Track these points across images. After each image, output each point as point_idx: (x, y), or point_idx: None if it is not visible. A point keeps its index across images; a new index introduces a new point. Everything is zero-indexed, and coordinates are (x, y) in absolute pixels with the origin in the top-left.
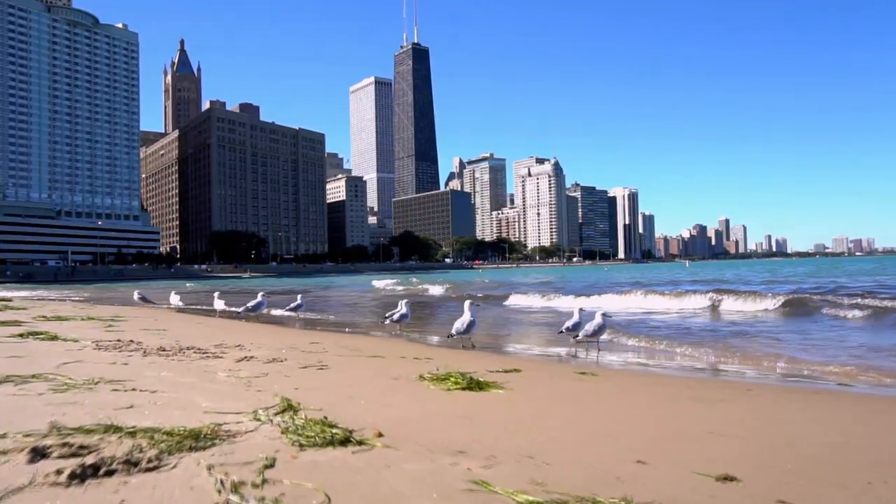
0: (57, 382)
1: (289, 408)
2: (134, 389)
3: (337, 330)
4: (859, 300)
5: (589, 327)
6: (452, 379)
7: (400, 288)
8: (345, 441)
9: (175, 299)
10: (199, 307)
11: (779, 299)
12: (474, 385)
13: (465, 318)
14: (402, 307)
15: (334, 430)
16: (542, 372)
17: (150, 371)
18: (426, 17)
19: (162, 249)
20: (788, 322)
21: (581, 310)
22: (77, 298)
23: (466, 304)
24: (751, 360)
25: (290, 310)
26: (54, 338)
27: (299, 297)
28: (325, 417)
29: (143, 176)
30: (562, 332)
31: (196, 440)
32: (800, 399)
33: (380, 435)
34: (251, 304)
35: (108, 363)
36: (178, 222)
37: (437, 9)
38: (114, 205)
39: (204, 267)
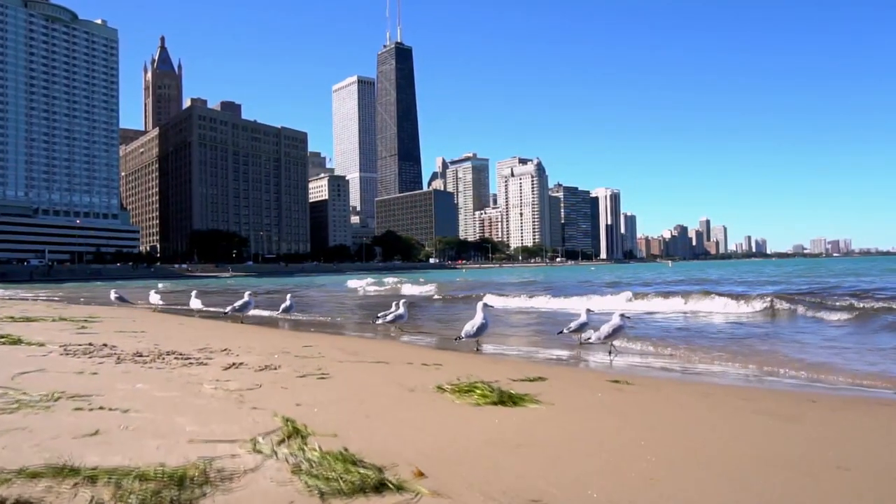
0: (7, 399)
1: (295, 433)
2: (102, 408)
3: (328, 331)
4: (854, 301)
5: (605, 329)
6: (479, 391)
7: (382, 288)
8: (379, 486)
9: (155, 298)
10: (180, 307)
11: (781, 300)
12: (506, 398)
13: (477, 320)
14: (398, 307)
15: (362, 470)
16: (570, 380)
17: (123, 382)
18: (409, 16)
19: (142, 248)
20: (799, 323)
21: (588, 310)
22: (51, 298)
23: (479, 305)
24: (784, 364)
25: (283, 311)
26: (17, 342)
27: (289, 297)
28: (346, 449)
29: (123, 174)
30: (562, 332)
31: (179, 487)
32: (888, 414)
33: (420, 474)
34: (238, 303)
35: (74, 372)
36: (158, 221)
37: (421, 8)
38: (92, 203)
39: (185, 266)
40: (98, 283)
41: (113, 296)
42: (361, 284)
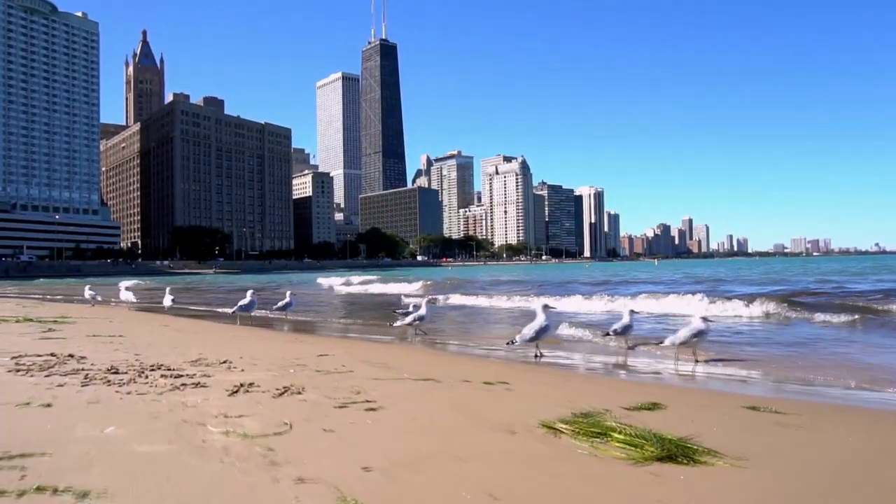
0: None
1: None
2: (41, 489)
3: (336, 334)
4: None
5: (683, 333)
6: (617, 435)
7: (364, 287)
8: None
9: (126, 295)
10: (160, 304)
11: (806, 301)
12: (673, 450)
13: (538, 321)
14: (420, 306)
15: None
16: (697, 408)
17: (87, 422)
18: (394, 13)
19: (123, 245)
20: (853, 325)
21: (632, 311)
22: (23, 295)
23: (539, 306)
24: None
25: (279, 309)
26: None
27: (288, 293)
28: None
29: (104, 169)
30: (608, 334)
31: None
32: None
33: None
34: (243, 302)
35: (18, 405)
36: (139, 217)
37: (406, 5)
38: (72, 198)
39: (166, 263)
40: (72, 280)
41: (88, 293)
42: (336, 282)
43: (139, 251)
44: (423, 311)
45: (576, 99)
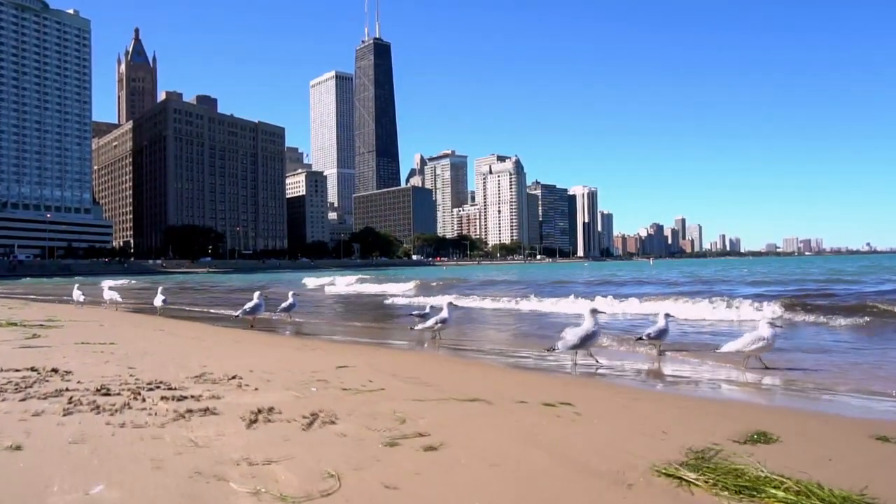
0: None
1: None
2: None
3: (346, 339)
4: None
5: (746, 339)
6: (777, 493)
7: (356, 287)
8: None
9: (111, 295)
10: (151, 304)
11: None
12: None
13: (585, 327)
14: (443, 309)
15: None
16: (815, 442)
17: (65, 478)
18: (388, 11)
19: (115, 244)
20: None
21: (667, 315)
22: (10, 295)
23: (587, 310)
24: None
25: (283, 310)
26: None
27: (291, 294)
28: None
29: (96, 168)
30: (641, 339)
31: None
32: None
33: None
34: (248, 306)
35: None
36: (132, 216)
37: (400, 4)
38: (64, 197)
39: (159, 262)
40: (60, 280)
41: (76, 293)
42: (325, 281)
43: (132, 250)
44: (445, 313)
45: (569, 99)
